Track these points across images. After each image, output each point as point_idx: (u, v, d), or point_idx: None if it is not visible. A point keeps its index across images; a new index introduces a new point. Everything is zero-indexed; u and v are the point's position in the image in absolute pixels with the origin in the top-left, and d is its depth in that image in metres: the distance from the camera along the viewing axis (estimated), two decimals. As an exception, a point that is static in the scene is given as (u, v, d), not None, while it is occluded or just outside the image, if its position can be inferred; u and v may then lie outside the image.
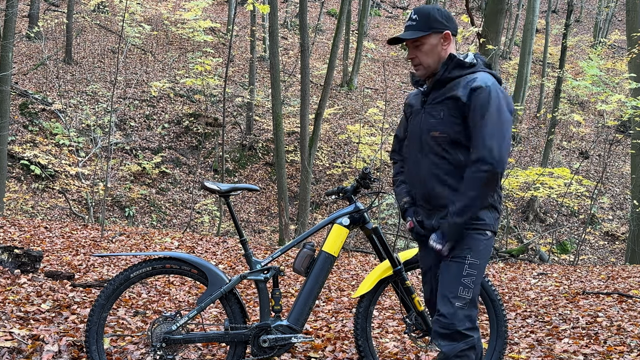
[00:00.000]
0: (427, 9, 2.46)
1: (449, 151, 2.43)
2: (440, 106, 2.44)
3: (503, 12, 9.89)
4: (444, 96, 2.44)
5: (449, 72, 2.45)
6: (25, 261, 5.00)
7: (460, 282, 2.39)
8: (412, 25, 2.45)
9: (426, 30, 2.43)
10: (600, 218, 17.77)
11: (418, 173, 2.54)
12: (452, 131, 2.41)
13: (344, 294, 5.83)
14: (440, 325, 2.39)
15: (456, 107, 2.39)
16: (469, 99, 2.36)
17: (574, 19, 30.18)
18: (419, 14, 2.45)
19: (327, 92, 11.92)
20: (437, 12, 2.45)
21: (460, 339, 2.37)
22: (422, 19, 2.44)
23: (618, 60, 23.96)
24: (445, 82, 2.45)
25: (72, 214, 13.86)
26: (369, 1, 22.79)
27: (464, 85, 2.39)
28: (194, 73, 17.94)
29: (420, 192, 2.56)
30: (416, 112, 2.58)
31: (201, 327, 3.44)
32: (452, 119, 2.41)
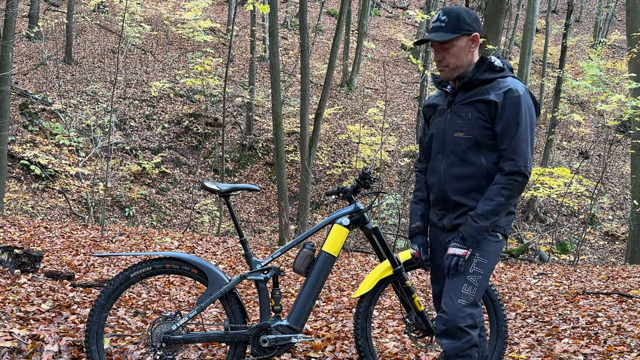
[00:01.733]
0: (456, 10, 2.43)
1: (470, 154, 2.43)
2: (469, 107, 2.43)
3: (503, 12, 9.89)
4: (474, 98, 2.42)
5: (481, 74, 2.43)
6: (25, 261, 5.00)
7: (466, 279, 2.40)
8: (440, 27, 2.42)
9: (456, 32, 2.40)
10: (600, 218, 17.77)
11: (436, 172, 2.55)
12: (478, 134, 2.41)
13: (344, 294, 5.83)
14: (442, 321, 2.40)
15: (487, 110, 2.39)
16: (503, 102, 2.36)
17: (574, 19, 30.18)
18: (448, 15, 2.41)
19: (327, 92, 11.92)
20: (466, 13, 2.42)
21: (461, 337, 2.37)
22: (451, 20, 2.40)
23: (618, 60, 23.97)
24: (476, 85, 2.44)
25: (72, 214, 13.86)
26: (369, 1, 22.78)
27: (495, 89, 2.39)
28: (194, 73, 17.94)
29: (437, 191, 2.56)
30: (441, 111, 2.56)
31: (201, 327, 3.44)
32: (480, 122, 2.40)
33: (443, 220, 2.55)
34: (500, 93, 2.37)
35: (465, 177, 2.45)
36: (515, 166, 2.35)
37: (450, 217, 2.51)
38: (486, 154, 2.42)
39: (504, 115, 2.36)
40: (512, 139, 2.35)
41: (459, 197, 2.47)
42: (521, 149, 2.35)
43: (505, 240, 2.51)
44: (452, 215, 2.51)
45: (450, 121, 2.48)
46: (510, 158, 2.36)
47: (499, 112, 2.36)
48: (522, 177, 2.35)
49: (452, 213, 2.51)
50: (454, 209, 2.50)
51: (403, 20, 30.84)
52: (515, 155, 2.35)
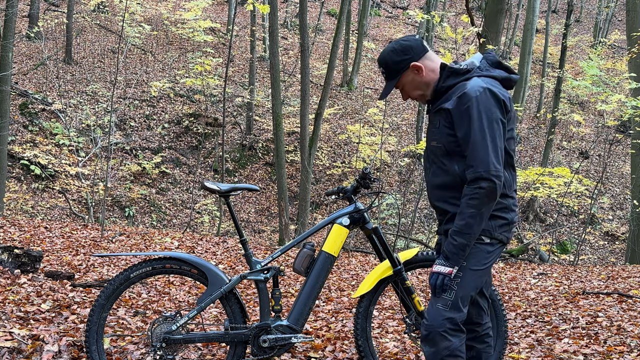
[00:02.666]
0: (384, 58, 2.49)
1: (444, 162, 2.44)
2: (437, 116, 2.47)
3: (503, 12, 9.89)
4: (439, 106, 2.46)
5: (444, 81, 2.46)
6: (25, 261, 5.00)
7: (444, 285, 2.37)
8: (386, 77, 2.54)
9: (396, 75, 2.49)
10: (600, 218, 17.77)
11: (427, 183, 2.62)
12: (446, 141, 2.42)
13: (344, 294, 5.83)
14: (424, 327, 2.38)
15: (446, 118, 2.41)
16: (456, 109, 2.35)
17: (574, 19, 30.19)
18: (382, 65, 2.51)
19: (327, 92, 11.92)
20: (394, 53, 2.47)
21: (440, 342, 2.33)
22: (386, 69, 2.50)
23: (618, 60, 23.97)
24: (442, 92, 2.47)
25: (72, 214, 13.86)
26: (369, 1, 22.78)
27: (453, 95, 2.40)
28: (194, 73, 17.94)
29: (429, 201, 2.65)
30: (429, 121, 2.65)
31: (201, 327, 3.45)
32: (445, 129, 2.41)
33: (440, 226, 2.59)
34: (454, 99, 2.36)
35: (444, 186, 2.46)
36: (475, 172, 2.28)
37: (443, 224, 2.55)
38: (458, 161, 2.40)
39: (458, 121, 2.35)
40: (468, 145, 2.31)
41: (442, 204, 2.50)
42: (477, 153, 2.28)
43: (504, 246, 2.46)
44: (442, 221, 2.55)
45: (429, 130, 2.54)
46: (469, 165, 2.31)
47: (455, 120, 2.36)
48: (487, 182, 2.26)
49: (442, 219, 2.55)
50: (441, 215, 2.54)
51: (403, 20, 30.85)
52: (473, 161, 2.29)
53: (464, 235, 2.32)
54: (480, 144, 2.28)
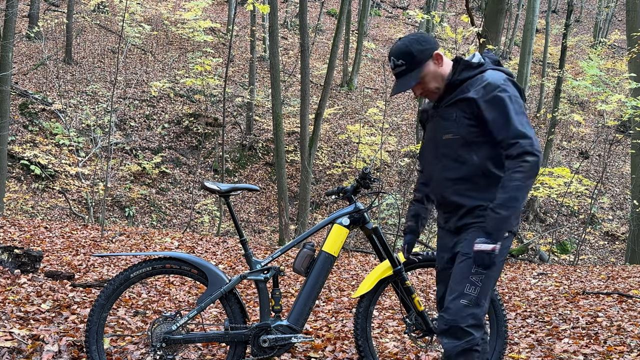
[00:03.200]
0: (406, 47, 2.43)
1: (462, 153, 2.43)
2: (452, 108, 2.44)
3: (503, 12, 9.89)
4: (455, 97, 2.44)
5: (459, 74, 2.45)
6: (25, 261, 4.99)
7: (468, 279, 2.38)
8: (403, 70, 2.45)
9: (418, 65, 2.43)
10: (600, 218, 17.77)
11: (433, 178, 2.58)
12: (465, 132, 2.41)
13: (344, 294, 5.83)
14: (443, 321, 2.39)
15: (469, 108, 2.39)
16: (484, 97, 2.36)
17: (574, 19, 30.19)
18: (402, 57, 2.43)
19: (327, 92, 11.92)
20: (416, 42, 2.43)
21: (462, 337, 2.35)
22: (408, 59, 2.43)
23: (618, 60, 23.97)
24: (456, 85, 2.46)
25: (72, 214, 13.86)
26: (369, 1, 22.78)
27: (474, 86, 2.40)
28: (194, 73, 17.94)
29: (437, 196, 2.59)
30: (431, 116, 2.60)
31: (201, 327, 3.44)
32: (464, 120, 2.41)
33: (449, 223, 2.56)
34: (479, 89, 2.37)
35: (460, 179, 2.45)
36: (521, 147, 2.30)
37: (454, 220, 2.52)
38: (477, 151, 2.42)
39: (488, 108, 2.35)
40: (508, 125, 2.33)
41: (457, 198, 2.47)
42: (520, 131, 2.32)
43: (514, 236, 2.48)
44: (454, 217, 2.51)
45: (438, 125, 2.51)
46: (511, 143, 2.32)
47: (483, 108, 2.36)
48: (532, 156, 2.29)
49: (454, 215, 2.51)
50: (455, 210, 2.50)
51: (403, 20, 30.84)
52: (517, 137, 2.31)
53: (508, 208, 2.30)
54: (520, 123, 2.33)
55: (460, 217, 2.48)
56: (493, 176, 2.43)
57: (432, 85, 2.48)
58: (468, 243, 2.43)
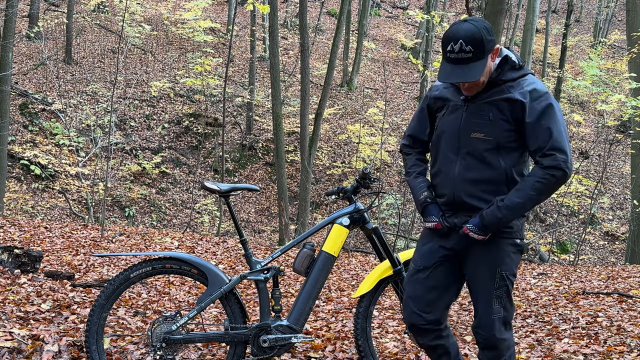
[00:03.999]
0: (478, 34, 2.22)
1: (489, 156, 2.33)
2: (489, 107, 2.32)
3: (503, 12, 9.88)
4: (496, 96, 2.32)
5: (504, 74, 2.34)
6: (25, 261, 4.99)
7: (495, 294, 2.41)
8: (467, 58, 2.24)
9: (484, 57, 2.25)
10: (600, 218, 17.77)
11: (449, 174, 2.41)
12: (499, 135, 2.31)
13: (344, 294, 5.83)
14: (481, 337, 2.44)
15: (510, 110, 2.29)
16: (530, 102, 2.27)
17: (574, 19, 30.18)
18: (473, 44, 2.22)
19: (327, 92, 11.92)
20: (486, 31, 2.24)
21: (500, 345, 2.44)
22: (477, 47, 2.22)
23: (618, 60, 23.96)
24: (498, 84, 2.33)
25: (72, 214, 13.87)
26: (369, 1, 22.78)
27: (518, 88, 2.31)
28: (194, 73, 17.94)
29: (448, 193, 2.43)
30: (454, 108, 2.41)
31: (201, 327, 3.44)
32: (501, 123, 2.30)
33: (452, 218, 2.43)
34: (525, 92, 2.29)
35: (483, 181, 2.35)
36: (555, 160, 2.24)
37: (462, 217, 2.41)
38: (505, 156, 2.33)
39: (534, 114, 2.27)
40: (550, 135, 2.26)
41: (474, 201, 2.37)
42: (561, 145, 2.25)
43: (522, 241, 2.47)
44: (463, 215, 2.41)
45: (467, 120, 2.35)
46: (549, 154, 2.26)
47: (527, 112, 2.27)
48: (562, 173, 2.24)
49: (463, 214, 2.41)
50: (466, 210, 2.40)
51: (403, 20, 30.84)
52: (555, 150, 2.25)
53: (514, 213, 2.29)
54: (563, 137, 2.28)
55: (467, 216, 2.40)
56: (513, 184, 2.37)
57: (482, 80, 2.31)
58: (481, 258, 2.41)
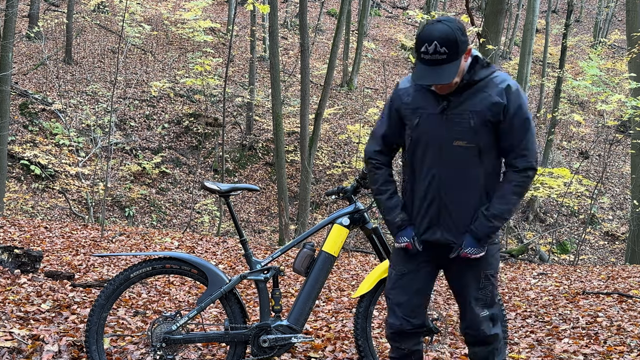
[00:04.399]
0: (452, 35, 2.19)
1: (472, 164, 2.32)
2: (469, 113, 2.29)
3: (503, 12, 9.89)
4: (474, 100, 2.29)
5: (476, 73, 2.32)
6: (25, 261, 4.99)
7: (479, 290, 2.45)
8: (442, 60, 2.20)
9: (458, 58, 2.23)
10: (600, 218, 17.77)
11: (432, 185, 2.36)
12: (482, 141, 2.30)
13: (344, 294, 5.83)
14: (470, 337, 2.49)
15: (492, 113, 2.28)
16: (507, 100, 2.29)
17: (574, 19, 30.18)
18: (447, 45, 2.18)
19: (327, 92, 11.93)
20: (460, 31, 2.22)
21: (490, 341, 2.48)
22: (451, 48, 2.19)
23: (618, 60, 23.95)
24: (471, 85, 2.32)
25: (72, 214, 13.86)
26: (369, 1, 22.78)
27: (493, 87, 2.31)
28: (194, 73, 17.93)
29: (430, 204, 2.38)
30: (430, 116, 2.35)
31: (201, 327, 3.44)
32: (484, 128, 2.29)
33: (434, 234, 2.40)
34: (501, 91, 2.29)
35: (469, 188, 2.34)
36: (528, 162, 2.32)
37: (444, 233, 2.38)
38: (486, 161, 2.34)
39: (510, 113, 2.29)
40: (523, 135, 2.30)
41: (461, 211, 2.35)
42: (531, 144, 2.32)
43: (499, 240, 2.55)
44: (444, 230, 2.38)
45: (448, 128, 2.31)
46: (521, 154, 2.31)
47: (504, 110, 2.28)
48: (533, 172, 2.33)
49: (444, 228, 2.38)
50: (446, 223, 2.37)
51: (403, 20, 30.83)
52: (527, 150, 2.31)
53: (502, 220, 2.33)
54: (532, 135, 2.33)
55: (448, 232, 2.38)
56: (493, 188, 2.38)
57: (455, 80, 2.27)
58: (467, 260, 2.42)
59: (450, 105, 2.33)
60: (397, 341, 2.54)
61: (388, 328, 2.55)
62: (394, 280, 2.52)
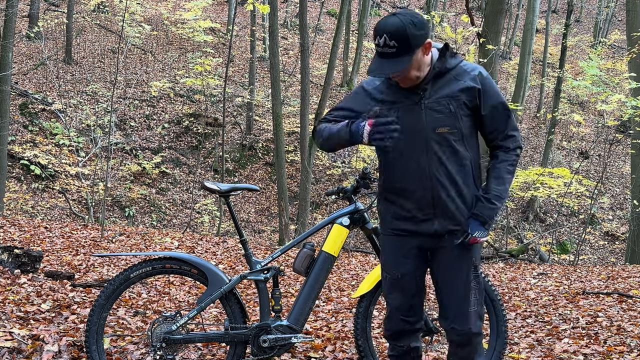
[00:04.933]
0: (402, 29, 2.18)
1: (458, 148, 2.33)
2: (448, 99, 2.32)
3: (503, 12, 9.89)
4: (451, 88, 2.33)
5: (447, 62, 2.36)
6: (25, 261, 4.99)
7: (470, 285, 2.42)
8: (392, 53, 2.21)
9: (410, 52, 2.21)
10: (600, 218, 17.77)
11: (422, 176, 2.34)
12: (462, 125, 2.33)
13: (344, 294, 5.83)
14: (456, 332, 2.42)
15: (468, 98, 2.33)
16: (481, 84, 2.35)
17: (574, 19, 30.18)
18: (397, 38, 2.18)
19: (327, 92, 11.93)
20: (413, 26, 2.20)
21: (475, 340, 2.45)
22: (401, 43, 2.19)
23: (618, 60, 23.96)
24: (443, 73, 2.35)
25: (72, 214, 13.87)
26: (369, 1, 22.79)
27: (465, 75, 2.35)
28: (194, 73, 17.94)
29: (425, 196, 2.36)
30: (408, 107, 2.34)
31: (201, 327, 3.45)
32: (462, 112, 2.32)
33: (432, 225, 2.38)
34: (474, 77, 2.35)
35: (457, 174, 2.35)
36: (516, 141, 2.42)
37: (442, 222, 2.37)
38: (469, 146, 2.37)
39: (488, 97, 2.36)
40: (506, 117, 2.39)
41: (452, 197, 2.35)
42: (515, 124, 2.43)
43: None
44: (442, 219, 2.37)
45: (428, 118, 2.32)
46: (509, 135, 2.41)
47: (483, 97, 2.35)
48: (521, 150, 2.45)
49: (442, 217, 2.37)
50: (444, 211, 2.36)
51: (403, 20, 30.81)
52: (514, 130, 2.42)
53: (501, 200, 2.39)
54: (512, 115, 2.42)
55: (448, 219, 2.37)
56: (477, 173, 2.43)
57: (413, 73, 2.28)
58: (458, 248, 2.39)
59: (426, 94, 2.34)
60: (396, 339, 2.56)
61: (387, 330, 2.56)
62: (390, 284, 2.51)
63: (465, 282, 2.41)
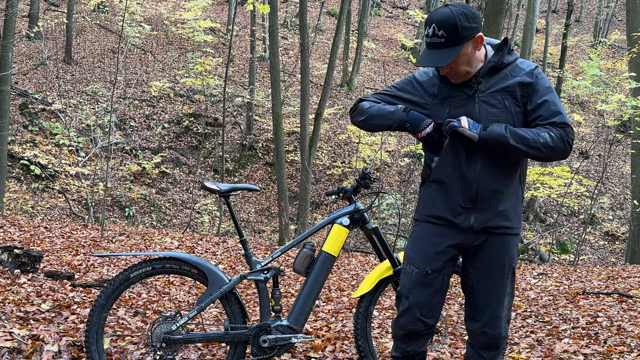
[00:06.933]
0: (452, 19, 2.18)
1: None
2: (501, 94, 2.29)
3: (503, 12, 9.88)
4: (505, 82, 2.30)
5: (505, 57, 2.33)
6: (25, 261, 4.99)
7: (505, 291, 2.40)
8: (440, 43, 2.19)
9: (459, 43, 2.19)
10: (600, 218, 17.77)
11: (470, 169, 2.32)
12: (515, 120, 2.29)
13: (344, 294, 5.83)
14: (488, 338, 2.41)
15: (522, 93, 2.29)
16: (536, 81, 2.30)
17: (574, 19, 30.18)
18: (446, 28, 2.17)
19: (327, 92, 11.93)
20: (463, 17, 2.18)
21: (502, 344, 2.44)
22: (450, 33, 2.17)
23: (618, 60, 23.96)
24: (499, 69, 2.32)
25: (72, 214, 13.87)
26: (369, 1, 22.78)
27: (519, 70, 2.33)
28: (194, 73, 17.93)
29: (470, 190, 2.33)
30: (462, 101, 2.32)
31: (201, 327, 3.44)
32: (514, 107, 2.29)
33: (468, 220, 2.34)
34: (530, 72, 2.32)
35: (505, 168, 2.32)
36: (567, 133, 2.25)
37: (480, 218, 2.33)
38: None
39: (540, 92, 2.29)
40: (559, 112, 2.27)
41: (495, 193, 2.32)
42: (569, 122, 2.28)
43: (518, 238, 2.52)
44: (481, 214, 2.33)
45: (483, 112, 2.29)
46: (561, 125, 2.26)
47: (534, 92, 2.29)
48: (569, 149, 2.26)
49: (482, 212, 2.33)
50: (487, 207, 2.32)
51: (403, 20, 30.84)
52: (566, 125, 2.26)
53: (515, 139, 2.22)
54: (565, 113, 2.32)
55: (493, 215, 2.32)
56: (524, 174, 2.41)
57: (463, 68, 2.25)
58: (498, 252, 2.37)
59: (480, 87, 2.32)
60: (406, 342, 2.46)
61: (400, 329, 2.45)
62: (416, 279, 2.42)
63: (503, 286, 2.39)
